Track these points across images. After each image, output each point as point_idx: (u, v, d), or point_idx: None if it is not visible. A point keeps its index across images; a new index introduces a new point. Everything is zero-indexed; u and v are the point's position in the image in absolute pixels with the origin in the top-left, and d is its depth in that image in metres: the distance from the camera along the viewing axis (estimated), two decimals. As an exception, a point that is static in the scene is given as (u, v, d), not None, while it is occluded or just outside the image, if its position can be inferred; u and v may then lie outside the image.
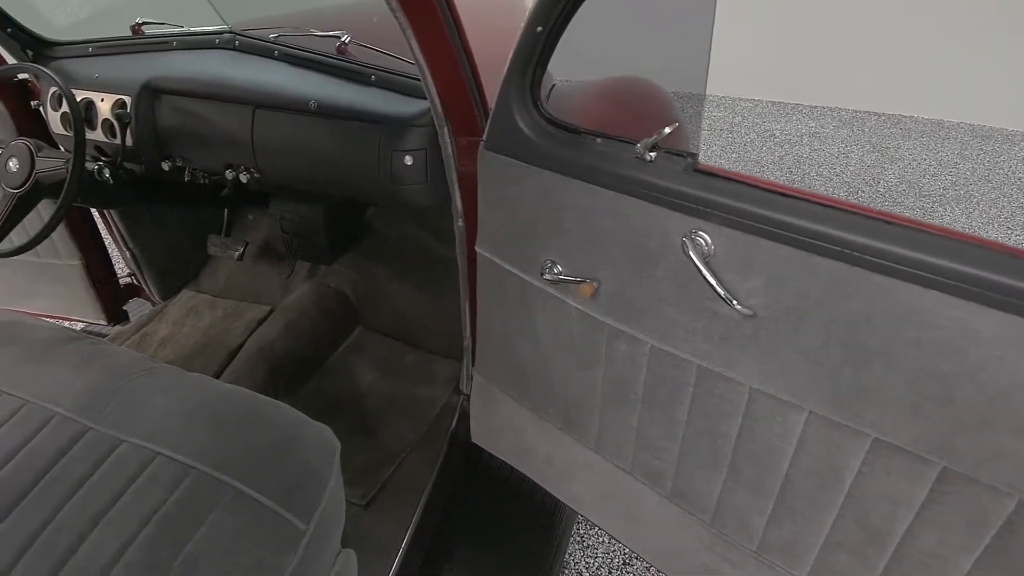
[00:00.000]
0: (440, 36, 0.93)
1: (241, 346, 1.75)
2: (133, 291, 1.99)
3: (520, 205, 1.00)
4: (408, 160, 1.15)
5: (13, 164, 1.23)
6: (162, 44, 1.43)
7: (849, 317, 0.72)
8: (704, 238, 0.79)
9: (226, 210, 2.03)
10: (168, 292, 1.99)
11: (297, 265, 1.98)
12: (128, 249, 1.86)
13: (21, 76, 1.52)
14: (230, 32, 1.36)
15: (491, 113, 0.98)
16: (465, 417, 1.56)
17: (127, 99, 1.35)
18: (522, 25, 0.85)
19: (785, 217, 0.74)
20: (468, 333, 1.37)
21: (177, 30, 1.46)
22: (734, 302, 0.78)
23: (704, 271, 0.78)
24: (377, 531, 1.30)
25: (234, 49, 1.36)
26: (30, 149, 1.22)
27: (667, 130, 0.80)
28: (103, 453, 1.00)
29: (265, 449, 1.01)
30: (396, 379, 1.66)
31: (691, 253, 0.79)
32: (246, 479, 0.95)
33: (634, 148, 0.84)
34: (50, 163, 1.21)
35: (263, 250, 2.01)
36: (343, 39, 1.27)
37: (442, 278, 1.79)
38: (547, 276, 1.00)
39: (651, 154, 0.82)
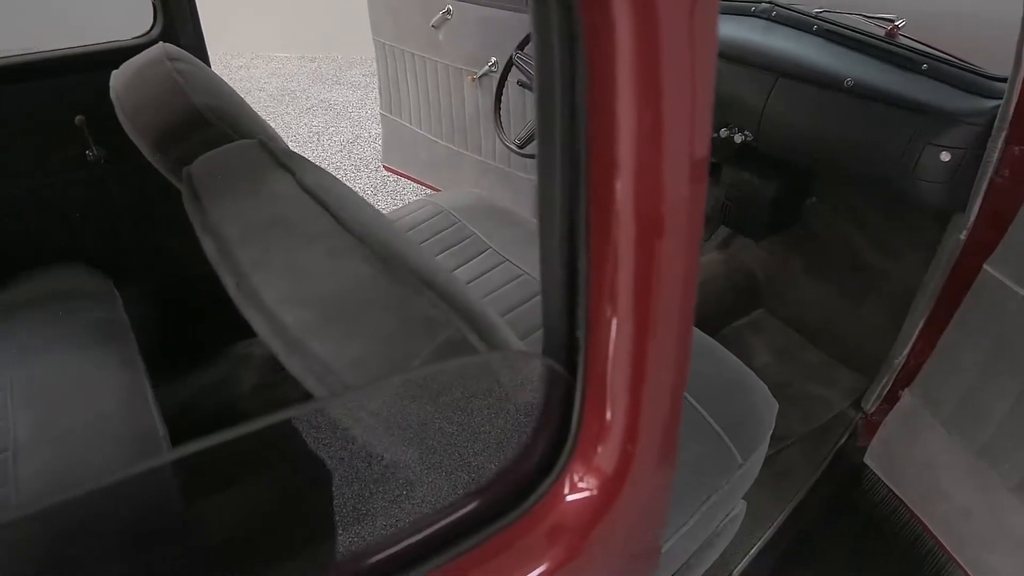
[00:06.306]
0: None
1: None
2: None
3: (1091, 233, 0.89)
4: (944, 156, 1.10)
5: None
6: None
7: None
8: None
9: None
10: None
11: (715, 232, 2.06)
12: None
13: None
14: (768, 3, 1.43)
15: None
16: (857, 435, 1.48)
17: None
18: None
19: None
20: (907, 350, 1.28)
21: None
22: None
23: None
24: (754, 500, 1.33)
25: (768, 19, 1.43)
26: None
27: None
28: None
29: (718, 381, 1.10)
30: (791, 370, 1.64)
31: None
32: (700, 400, 1.05)
33: None
34: None
35: None
36: (896, 23, 1.25)
37: (865, 285, 1.69)
38: (1096, 319, 0.88)
39: None
